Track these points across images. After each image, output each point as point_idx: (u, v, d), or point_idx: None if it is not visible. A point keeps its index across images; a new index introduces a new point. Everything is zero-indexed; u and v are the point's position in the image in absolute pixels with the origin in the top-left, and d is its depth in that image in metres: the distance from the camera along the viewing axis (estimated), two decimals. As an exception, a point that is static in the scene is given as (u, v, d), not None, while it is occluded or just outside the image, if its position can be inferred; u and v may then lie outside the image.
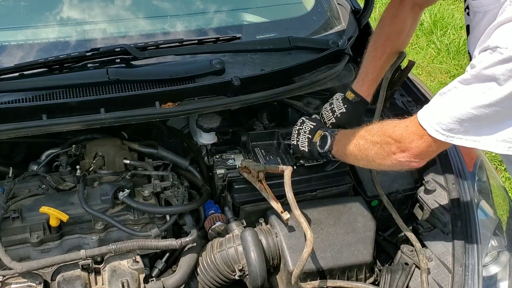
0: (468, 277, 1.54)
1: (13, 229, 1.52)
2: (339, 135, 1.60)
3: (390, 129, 1.37)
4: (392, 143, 1.35)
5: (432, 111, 1.27)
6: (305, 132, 1.71)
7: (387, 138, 1.37)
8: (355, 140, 1.48)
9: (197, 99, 1.68)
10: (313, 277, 1.55)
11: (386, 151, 1.37)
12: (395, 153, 1.35)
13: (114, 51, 1.64)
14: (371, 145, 1.42)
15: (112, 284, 1.47)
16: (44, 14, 1.89)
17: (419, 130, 1.28)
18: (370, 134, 1.44)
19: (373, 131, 1.43)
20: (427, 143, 1.29)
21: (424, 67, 4.52)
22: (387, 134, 1.37)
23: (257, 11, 2.12)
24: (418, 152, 1.31)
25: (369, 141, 1.43)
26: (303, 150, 1.70)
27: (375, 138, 1.41)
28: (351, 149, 1.49)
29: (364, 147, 1.44)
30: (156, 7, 2.02)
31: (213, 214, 1.68)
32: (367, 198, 1.78)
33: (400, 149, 1.33)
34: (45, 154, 1.75)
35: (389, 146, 1.36)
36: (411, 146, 1.31)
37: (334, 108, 1.79)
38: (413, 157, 1.33)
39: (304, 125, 1.73)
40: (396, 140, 1.34)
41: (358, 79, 1.78)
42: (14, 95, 1.53)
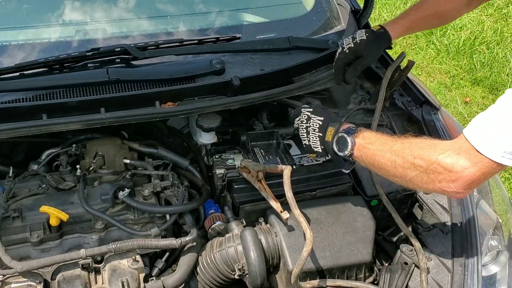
0: (468, 277, 1.54)
1: (13, 228, 1.52)
2: (361, 139, 1.42)
3: (438, 154, 1.23)
4: (441, 172, 1.21)
5: (489, 135, 1.15)
6: (314, 131, 1.54)
7: (434, 165, 1.22)
8: (390, 156, 1.32)
9: (197, 99, 1.68)
10: (313, 276, 1.55)
11: (432, 178, 1.24)
12: (442, 182, 1.23)
13: (114, 51, 1.65)
14: (411, 167, 1.27)
15: (112, 284, 1.47)
16: (44, 14, 1.89)
17: (475, 157, 1.16)
18: (411, 154, 1.28)
19: (415, 151, 1.27)
20: (482, 171, 1.18)
21: (424, 67, 4.52)
22: (435, 160, 1.23)
23: (257, 11, 2.12)
24: (471, 181, 1.20)
25: (410, 162, 1.28)
26: (317, 150, 1.56)
27: (417, 161, 1.26)
28: (383, 163, 1.35)
29: (402, 167, 1.30)
30: (156, 7, 2.02)
31: (213, 214, 1.68)
32: (366, 198, 1.78)
33: (451, 179, 1.21)
34: (45, 153, 1.75)
35: (437, 175, 1.23)
36: (463, 175, 1.19)
37: (355, 35, 1.74)
38: (463, 187, 1.21)
39: (311, 122, 1.55)
40: (446, 169, 1.21)
41: (392, 20, 1.78)
42: (14, 95, 1.53)
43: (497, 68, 4.44)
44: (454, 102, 4.08)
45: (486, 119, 1.19)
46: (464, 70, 4.49)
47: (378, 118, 1.78)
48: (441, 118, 1.98)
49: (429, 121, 1.95)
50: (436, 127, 1.92)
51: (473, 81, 4.36)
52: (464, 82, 4.35)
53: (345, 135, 1.43)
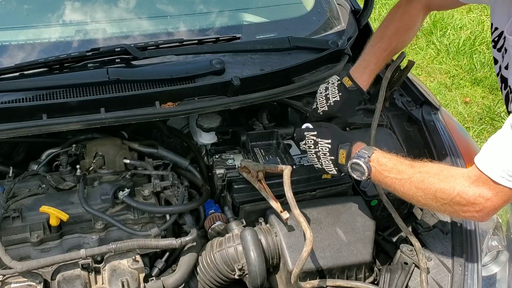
0: (468, 277, 1.54)
1: (13, 228, 1.52)
2: (377, 164, 1.40)
3: (458, 188, 1.25)
4: (465, 204, 1.25)
5: (503, 164, 1.17)
6: (325, 155, 1.52)
7: (457, 198, 1.25)
8: (410, 187, 1.33)
9: (197, 99, 1.68)
10: (313, 276, 1.55)
11: (456, 209, 1.28)
12: (466, 212, 1.27)
13: (114, 51, 1.65)
14: (434, 199, 1.30)
15: (112, 284, 1.47)
16: (44, 14, 1.89)
17: (495, 188, 1.19)
18: (431, 188, 1.29)
19: (435, 184, 1.29)
20: (504, 199, 1.21)
21: (424, 68, 4.52)
22: (456, 194, 1.25)
23: (257, 11, 2.12)
24: (494, 209, 1.24)
25: (432, 196, 1.30)
26: (332, 173, 1.54)
27: (439, 195, 1.28)
28: (404, 192, 1.36)
29: (425, 199, 1.32)
30: (156, 7, 2.02)
31: (213, 214, 1.68)
32: (366, 198, 1.78)
33: (475, 210, 1.25)
34: (45, 153, 1.75)
35: (461, 207, 1.26)
36: (486, 206, 1.23)
37: (328, 95, 1.73)
38: (487, 215, 1.26)
39: (320, 146, 1.52)
40: (469, 202, 1.24)
41: (358, 67, 1.73)
42: (14, 95, 1.53)
43: (497, 68, 4.43)
44: (454, 102, 4.08)
45: (496, 146, 1.20)
46: (464, 70, 4.49)
47: (378, 118, 1.78)
48: (441, 118, 1.98)
49: (429, 121, 1.95)
50: (436, 127, 1.92)
51: (473, 81, 4.36)
52: (464, 82, 4.35)
53: (359, 161, 1.42)
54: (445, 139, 1.88)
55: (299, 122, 2.04)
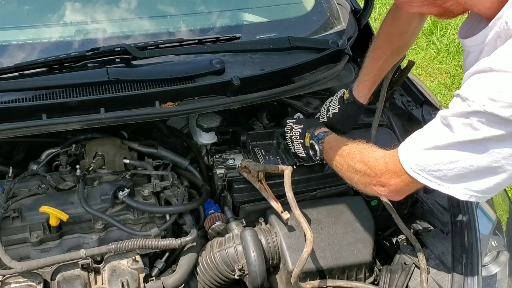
0: (468, 277, 1.54)
1: (13, 228, 1.52)
2: (326, 144, 1.58)
3: (372, 161, 1.34)
4: (373, 176, 1.33)
5: (409, 149, 1.23)
6: (296, 138, 1.71)
7: (368, 169, 1.35)
8: (339, 160, 1.47)
9: (197, 98, 1.68)
10: (313, 276, 1.55)
11: (367, 181, 1.36)
12: (375, 185, 1.33)
13: (114, 50, 1.64)
14: (353, 171, 1.41)
15: (112, 284, 1.47)
16: (44, 14, 1.89)
17: (398, 168, 1.24)
18: (352, 160, 1.42)
19: (356, 157, 1.41)
20: (405, 182, 1.25)
21: (424, 67, 4.52)
22: (369, 165, 1.34)
23: (257, 11, 2.12)
24: (397, 189, 1.29)
25: (352, 167, 1.41)
26: (302, 156, 1.71)
27: (357, 166, 1.39)
28: (336, 166, 1.50)
29: (348, 171, 1.44)
30: (156, 7, 2.02)
31: (212, 214, 1.68)
32: (366, 198, 1.77)
33: (380, 184, 1.31)
34: (45, 153, 1.75)
35: (370, 178, 1.34)
36: (390, 183, 1.29)
37: (330, 107, 1.79)
38: (392, 192, 1.31)
39: (294, 131, 1.73)
40: (376, 174, 1.32)
41: (358, 79, 1.75)
42: (14, 95, 1.53)
43: (497, 68, 4.43)
44: (454, 102, 4.08)
45: (415, 134, 1.24)
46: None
47: (378, 118, 1.78)
48: (441, 118, 1.97)
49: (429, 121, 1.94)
50: (436, 127, 1.92)
51: (473, 81, 4.35)
52: (464, 82, 4.34)
53: (313, 142, 1.61)
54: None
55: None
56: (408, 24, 1.65)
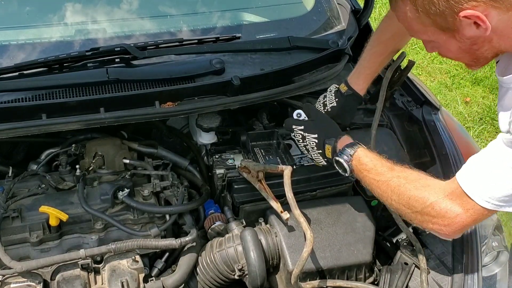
0: (468, 277, 1.54)
1: (12, 228, 1.52)
2: (358, 163, 1.43)
3: (432, 198, 1.25)
4: (435, 216, 1.26)
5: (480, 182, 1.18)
6: (313, 149, 1.57)
7: (429, 208, 1.26)
8: (386, 189, 1.36)
9: (197, 98, 1.68)
10: (313, 276, 1.55)
11: (426, 219, 1.29)
12: (435, 224, 1.27)
13: (114, 50, 1.64)
14: (406, 206, 1.31)
15: (112, 284, 1.47)
16: (44, 14, 1.89)
17: (467, 203, 1.20)
18: (406, 194, 1.30)
19: (410, 192, 1.30)
20: (473, 217, 1.21)
21: (424, 67, 4.52)
22: (429, 204, 1.26)
23: (257, 11, 2.12)
24: (462, 226, 1.24)
25: (405, 202, 1.31)
26: (322, 164, 1.60)
27: (412, 203, 1.29)
28: (379, 193, 1.39)
29: (398, 203, 1.33)
30: (156, 7, 2.02)
31: (212, 214, 1.68)
32: (366, 198, 1.77)
33: (443, 224, 1.25)
34: (44, 153, 1.75)
35: (430, 218, 1.27)
36: (455, 221, 1.23)
37: (326, 101, 1.76)
38: (454, 232, 1.26)
39: (307, 140, 1.58)
40: (439, 214, 1.25)
41: (354, 72, 1.74)
42: (13, 95, 1.53)
43: (497, 68, 4.43)
44: (455, 102, 4.08)
45: (477, 164, 1.22)
46: (465, 70, 4.49)
47: (378, 118, 1.77)
48: (442, 118, 1.98)
49: (430, 121, 1.95)
50: (437, 127, 1.92)
51: (474, 81, 4.36)
52: (464, 82, 4.35)
53: (341, 160, 1.46)
54: (446, 139, 1.88)
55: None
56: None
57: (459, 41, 1.18)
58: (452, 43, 1.20)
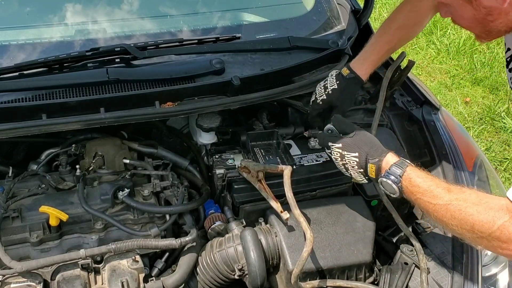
0: (468, 277, 1.54)
1: (12, 228, 1.52)
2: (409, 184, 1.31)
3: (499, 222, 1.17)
4: (505, 241, 1.17)
5: None
6: (353, 167, 1.43)
7: (497, 233, 1.17)
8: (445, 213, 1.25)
9: (197, 98, 1.68)
10: (313, 276, 1.55)
11: (493, 244, 1.20)
12: (505, 250, 1.19)
13: (114, 50, 1.65)
14: (470, 231, 1.21)
15: (112, 284, 1.47)
16: (44, 14, 1.89)
17: None
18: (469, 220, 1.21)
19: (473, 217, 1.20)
20: None
21: (424, 67, 4.52)
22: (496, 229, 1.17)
23: (257, 11, 2.12)
24: None
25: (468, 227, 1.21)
26: (364, 182, 1.47)
27: (477, 228, 1.20)
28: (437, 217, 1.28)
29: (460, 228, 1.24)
30: (156, 7, 2.02)
31: (212, 214, 1.68)
32: (366, 198, 1.78)
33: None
34: (44, 153, 1.75)
35: (500, 243, 1.18)
36: None
37: (327, 85, 1.72)
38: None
39: (346, 159, 1.43)
40: (510, 239, 1.16)
41: (358, 58, 1.73)
42: (13, 95, 1.53)
43: (497, 68, 4.44)
44: (455, 102, 4.08)
45: None
46: (465, 70, 4.49)
47: (378, 118, 1.77)
48: (442, 118, 1.98)
49: (430, 121, 1.95)
50: (437, 127, 1.92)
51: (474, 81, 4.36)
52: (464, 82, 4.35)
53: (389, 181, 1.33)
54: (445, 139, 1.88)
55: (299, 122, 2.03)
56: (424, 17, 1.64)
57: (475, 8, 1.16)
58: (467, 9, 1.17)
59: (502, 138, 3.78)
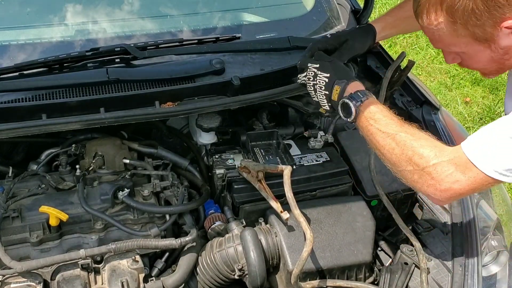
0: (468, 277, 1.54)
1: (12, 228, 1.52)
2: (367, 111, 1.36)
3: (436, 159, 1.22)
4: (434, 177, 1.22)
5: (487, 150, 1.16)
6: (321, 88, 1.47)
7: (430, 168, 1.22)
8: (390, 142, 1.30)
9: (197, 98, 1.68)
10: (313, 276, 1.55)
11: (423, 179, 1.25)
12: (430, 187, 1.24)
13: (114, 50, 1.65)
14: (407, 161, 1.26)
15: (112, 284, 1.47)
16: (44, 14, 1.89)
17: (470, 171, 1.17)
18: (411, 149, 1.26)
19: (416, 148, 1.25)
20: (473, 186, 1.19)
21: (424, 67, 4.52)
22: (431, 164, 1.22)
23: (257, 11, 2.12)
24: (459, 193, 1.22)
25: (408, 157, 1.26)
26: (325, 107, 1.50)
27: (415, 159, 1.25)
28: (381, 145, 1.32)
29: (398, 157, 1.28)
30: (156, 7, 2.02)
31: (212, 214, 1.68)
32: (366, 198, 1.77)
33: (440, 188, 1.22)
34: (44, 153, 1.75)
35: (429, 179, 1.23)
36: (453, 187, 1.21)
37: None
38: (448, 197, 1.24)
39: (318, 79, 1.48)
40: (439, 177, 1.22)
41: (378, 18, 1.76)
42: (13, 95, 1.53)
43: (497, 68, 4.43)
44: (455, 102, 4.08)
45: (486, 134, 1.19)
46: (464, 70, 4.49)
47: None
48: (441, 118, 1.98)
49: (429, 121, 1.95)
50: (436, 127, 1.92)
51: (473, 81, 4.36)
52: (464, 82, 4.35)
53: (349, 102, 1.38)
54: (445, 139, 1.88)
55: (299, 122, 2.04)
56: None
57: (493, 51, 1.18)
58: (485, 54, 1.19)
59: (502, 138, 3.77)
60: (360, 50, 1.71)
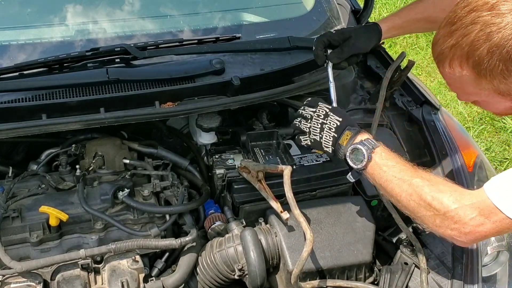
0: (468, 277, 1.54)
1: (12, 228, 1.52)
2: (379, 158, 1.35)
3: (458, 204, 1.21)
4: (457, 221, 1.21)
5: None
6: (330, 129, 1.44)
7: (452, 213, 1.21)
8: (407, 188, 1.29)
9: (197, 98, 1.68)
10: (313, 276, 1.55)
11: (445, 224, 1.23)
12: (454, 230, 1.22)
13: (114, 50, 1.65)
14: (427, 207, 1.25)
15: (112, 284, 1.47)
16: (44, 14, 1.89)
17: (495, 215, 1.16)
18: (430, 194, 1.25)
19: (435, 193, 1.24)
20: (498, 229, 1.18)
21: (424, 67, 4.52)
22: (454, 208, 1.21)
23: (257, 11, 2.12)
24: (483, 236, 1.21)
25: (427, 202, 1.25)
26: (326, 150, 1.46)
27: (435, 204, 1.23)
28: (397, 192, 1.31)
29: (417, 203, 1.27)
30: (156, 7, 2.02)
31: (212, 214, 1.68)
32: (366, 198, 1.77)
33: (464, 231, 1.21)
34: (44, 153, 1.75)
35: (451, 223, 1.22)
36: (477, 230, 1.19)
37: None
38: (472, 240, 1.23)
39: (329, 119, 1.45)
40: (462, 220, 1.20)
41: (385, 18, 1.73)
42: (13, 95, 1.53)
43: (497, 68, 4.43)
44: (454, 102, 4.08)
45: (510, 178, 1.17)
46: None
47: (378, 118, 1.77)
48: (441, 118, 1.98)
49: (429, 121, 1.95)
50: (437, 127, 1.92)
51: (473, 81, 4.35)
52: (464, 82, 4.34)
53: (362, 148, 1.36)
54: (445, 139, 1.88)
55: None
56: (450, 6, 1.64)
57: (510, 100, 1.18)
58: (504, 104, 1.20)
59: (502, 138, 3.78)
60: (364, 49, 1.69)
